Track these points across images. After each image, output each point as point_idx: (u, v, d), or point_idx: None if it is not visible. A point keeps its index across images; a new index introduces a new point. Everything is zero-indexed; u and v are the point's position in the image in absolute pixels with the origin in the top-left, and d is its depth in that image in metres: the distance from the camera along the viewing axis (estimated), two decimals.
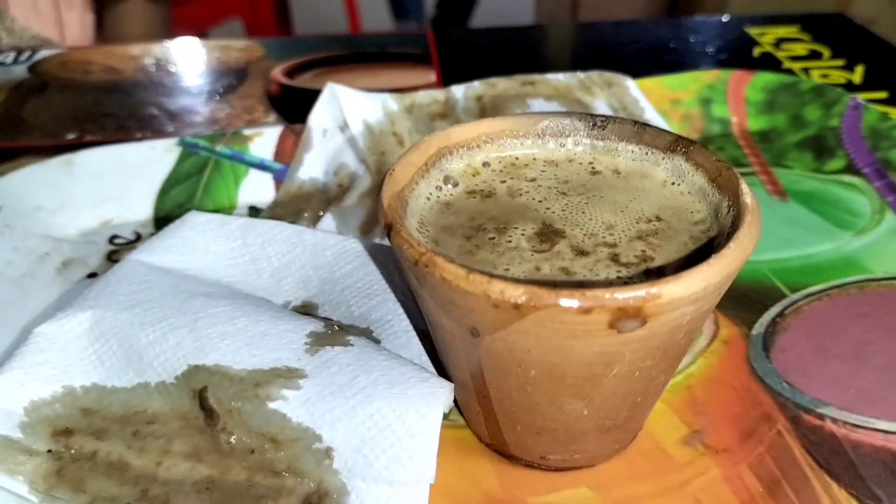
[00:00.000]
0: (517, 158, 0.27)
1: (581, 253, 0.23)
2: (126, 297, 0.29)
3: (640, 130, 0.27)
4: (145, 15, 0.84)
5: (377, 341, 0.29)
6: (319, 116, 0.41)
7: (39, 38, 0.80)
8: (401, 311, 0.30)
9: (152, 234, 0.37)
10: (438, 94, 0.43)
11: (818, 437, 0.26)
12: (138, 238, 0.36)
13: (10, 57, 0.55)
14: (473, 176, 0.27)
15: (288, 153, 0.40)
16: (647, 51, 0.57)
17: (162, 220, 0.37)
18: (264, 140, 0.40)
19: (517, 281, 0.20)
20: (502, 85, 0.42)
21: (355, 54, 0.55)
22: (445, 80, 0.52)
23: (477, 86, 0.43)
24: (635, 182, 0.26)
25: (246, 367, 0.26)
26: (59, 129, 0.46)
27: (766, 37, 0.59)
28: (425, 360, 0.28)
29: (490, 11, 2.75)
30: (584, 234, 0.24)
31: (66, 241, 0.35)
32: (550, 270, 0.22)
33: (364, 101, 0.41)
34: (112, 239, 0.36)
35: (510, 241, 0.24)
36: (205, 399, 0.26)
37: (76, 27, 0.83)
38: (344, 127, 0.41)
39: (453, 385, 0.25)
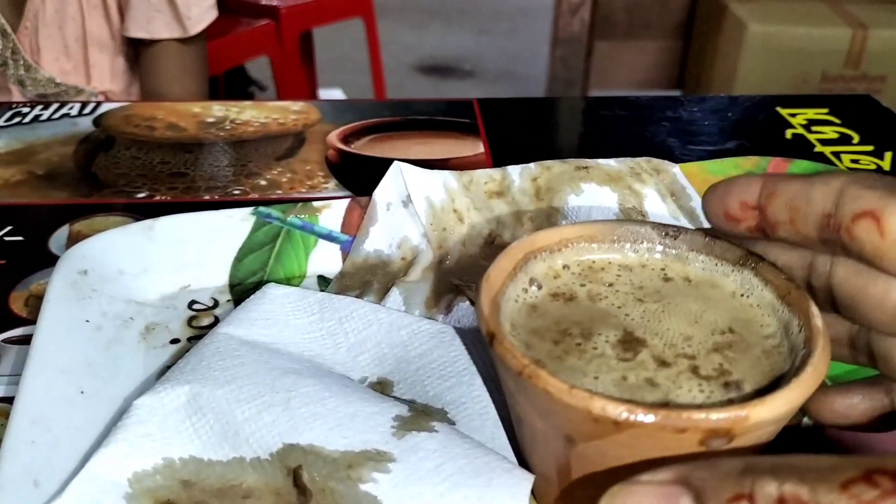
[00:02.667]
0: (594, 262, 0.30)
1: (663, 363, 0.25)
2: (221, 372, 0.30)
3: (710, 243, 0.29)
4: (180, 56, 0.86)
5: (452, 422, 0.31)
6: (384, 191, 0.43)
7: (64, 85, 0.82)
8: (475, 394, 0.32)
9: (228, 301, 0.39)
10: (495, 174, 0.45)
11: None
12: (216, 304, 0.38)
13: (76, 108, 0.58)
14: (555, 279, 0.29)
15: (354, 225, 0.42)
16: (684, 129, 0.60)
17: (236, 286, 0.39)
18: (332, 212, 0.42)
19: (617, 400, 0.21)
20: (557, 168, 0.45)
21: (406, 121, 0.58)
22: (491, 149, 0.54)
23: (532, 167, 0.45)
24: (706, 291, 0.28)
25: (338, 448, 0.28)
26: (128, 186, 0.49)
27: (797, 118, 0.62)
28: (498, 443, 0.30)
29: (502, 55, 2.80)
30: (664, 344, 0.26)
31: (148, 305, 0.37)
32: (636, 380, 0.24)
33: (427, 179, 0.43)
34: (191, 304, 0.38)
35: (596, 349, 0.25)
36: (299, 477, 0.28)
37: (106, 70, 0.85)
38: (407, 202, 0.43)
39: (534, 476, 0.27)
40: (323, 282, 0.40)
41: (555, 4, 2.32)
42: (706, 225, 0.29)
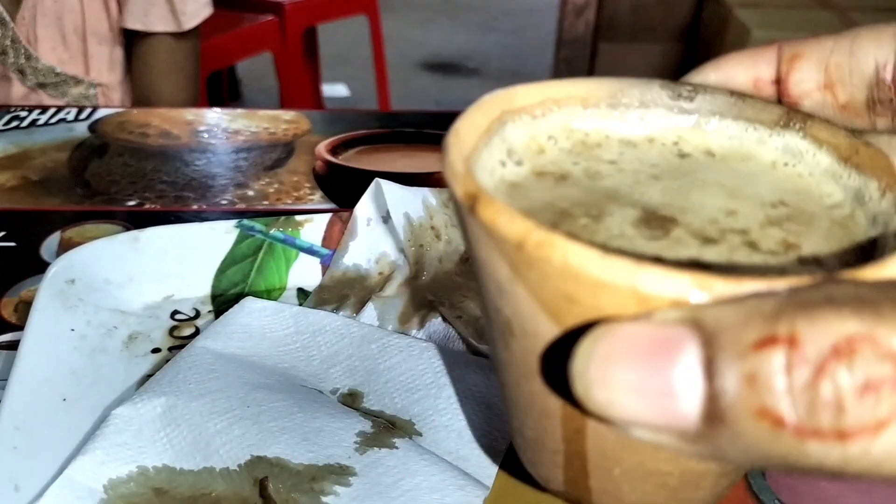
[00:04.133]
0: (587, 134, 0.23)
1: (707, 240, 0.18)
2: (196, 385, 0.32)
3: (738, 103, 0.22)
4: (173, 51, 0.88)
5: (419, 433, 0.32)
6: (365, 207, 0.44)
7: (63, 75, 0.84)
8: (441, 406, 0.33)
9: (209, 311, 0.40)
10: None
11: None
12: (197, 314, 0.40)
13: (72, 113, 0.59)
14: (539, 154, 0.22)
15: (335, 239, 0.44)
16: None
17: (218, 297, 0.41)
18: (314, 226, 0.44)
19: (681, 269, 0.14)
20: None
21: (393, 133, 0.59)
22: None
23: None
24: (736, 165, 0.22)
25: (303, 461, 0.29)
26: (119, 194, 0.50)
27: None
28: (462, 454, 0.31)
29: (507, 53, 2.81)
30: (701, 221, 0.19)
31: (132, 314, 0.39)
32: (675, 259, 0.18)
33: (406, 195, 0.45)
34: (173, 314, 0.39)
35: (609, 229, 0.19)
36: (265, 488, 0.29)
37: (104, 61, 0.87)
38: (387, 218, 0.44)
39: (488, 491, 0.29)
40: (302, 295, 0.42)
41: (559, 5, 2.32)
42: None
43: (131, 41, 0.88)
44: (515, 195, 0.20)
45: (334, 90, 2.38)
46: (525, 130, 0.22)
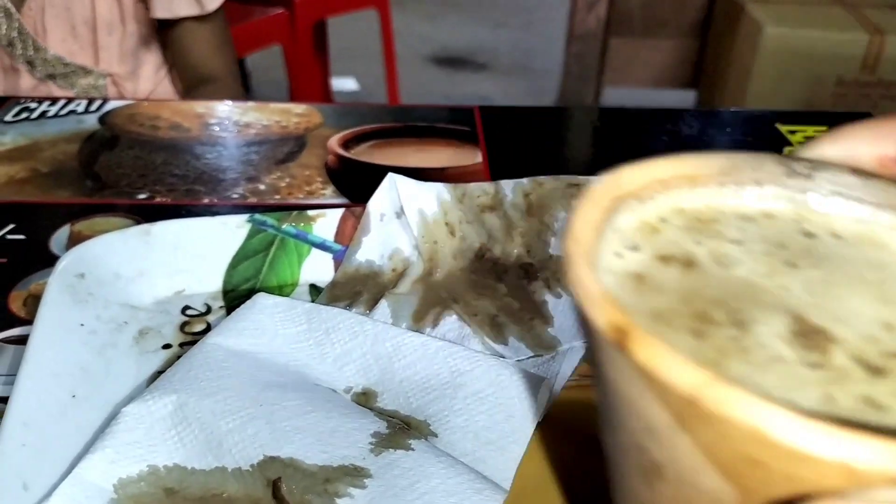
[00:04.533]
0: (700, 212, 0.21)
1: (874, 371, 0.16)
2: (207, 383, 0.31)
3: (862, 182, 0.20)
4: (208, 30, 0.88)
5: (434, 434, 0.32)
6: (378, 202, 0.44)
7: (73, 65, 0.84)
8: (457, 407, 0.33)
9: (221, 307, 0.39)
10: (488, 188, 0.45)
11: None
12: (209, 310, 0.39)
13: (82, 105, 0.59)
14: (654, 234, 0.20)
15: (348, 235, 0.43)
16: (679, 142, 0.60)
17: (230, 292, 0.40)
18: (327, 221, 0.43)
19: (874, 433, 0.12)
20: (549, 185, 0.45)
21: (406, 128, 0.58)
22: (490, 158, 0.55)
23: (525, 183, 0.46)
24: (869, 252, 0.20)
25: (317, 462, 0.29)
26: (129, 187, 0.50)
27: (795, 136, 0.62)
28: (478, 456, 0.31)
29: (517, 48, 2.79)
30: (858, 338, 0.17)
31: (142, 309, 0.38)
32: (850, 401, 0.15)
33: (420, 191, 0.44)
34: (184, 310, 0.39)
35: (764, 346, 0.16)
36: (278, 489, 0.28)
37: (114, 52, 0.86)
38: (400, 213, 0.43)
39: (505, 494, 0.28)
40: (315, 291, 0.41)
41: (570, 0, 2.31)
42: None
43: (164, 34, 0.88)
44: (642, 290, 0.18)
45: (343, 84, 2.37)
46: (634, 216, 0.20)
